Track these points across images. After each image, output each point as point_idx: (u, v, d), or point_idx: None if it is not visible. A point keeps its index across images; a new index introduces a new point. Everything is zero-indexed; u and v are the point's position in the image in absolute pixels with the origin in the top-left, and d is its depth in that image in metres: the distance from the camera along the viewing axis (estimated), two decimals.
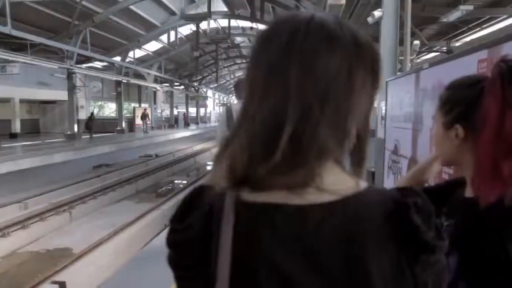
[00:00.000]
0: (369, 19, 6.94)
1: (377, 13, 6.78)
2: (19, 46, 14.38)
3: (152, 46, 24.38)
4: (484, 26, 12.56)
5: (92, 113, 20.72)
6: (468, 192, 1.01)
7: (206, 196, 0.55)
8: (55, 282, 4.70)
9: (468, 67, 2.51)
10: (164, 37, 22.16)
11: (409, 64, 7.53)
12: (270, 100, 0.50)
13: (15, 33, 12.28)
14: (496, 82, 0.87)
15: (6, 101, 18.90)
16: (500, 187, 0.87)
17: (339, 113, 0.51)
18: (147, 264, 3.83)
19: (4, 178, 9.84)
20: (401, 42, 6.60)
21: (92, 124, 19.19)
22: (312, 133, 0.49)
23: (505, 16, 11.30)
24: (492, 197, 0.87)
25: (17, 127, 19.70)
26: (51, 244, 7.25)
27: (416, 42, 12.03)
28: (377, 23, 6.59)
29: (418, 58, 14.95)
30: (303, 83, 0.49)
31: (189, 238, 0.53)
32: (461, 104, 0.98)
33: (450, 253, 0.93)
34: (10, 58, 13.60)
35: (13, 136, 18.70)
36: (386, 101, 4.91)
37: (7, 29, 11.85)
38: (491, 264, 0.87)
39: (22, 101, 20.23)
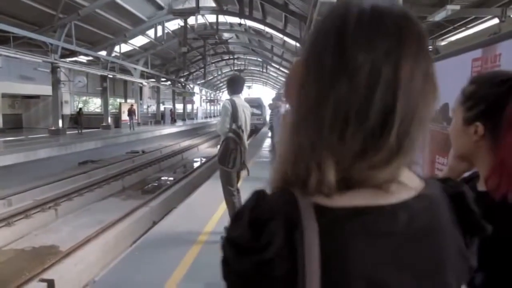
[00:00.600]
0: None
1: None
2: (1, 39, 13.98)
3: (139, 41, 24.03)
4: (469, 26, 12.79)
5: (80, 108, 20.58)
6: (480, 186, 1.02)
7: (272, 205, 0.49)
8: (43, 280, 4.61)
9: (462, 65, 2.55)
10: (151, 32, 21.86)
11: None
12: (378, 97, 0.47)
13: None
14: None
15: None
16: None
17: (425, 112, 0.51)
18: (136, 261, 3.79)
19: None
20: None
21: (81, 119, 19.08)
22: (407, 131, 0.49)
23: (489, 17, 11.52)
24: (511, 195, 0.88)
25: None
26: (37, 241, 7.11)
27: None
28: None
29: None
30: (412, 80, 0.48)
31: (270, 257, 0.46)
32: (485, 102, 0.96)
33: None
34: None
35: None
36: None
37: None
38: (507, 254, 0.88)
39: (4, 95, 19.71)
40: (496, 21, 11.02)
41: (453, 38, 13.72)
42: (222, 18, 22.95)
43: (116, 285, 3.30)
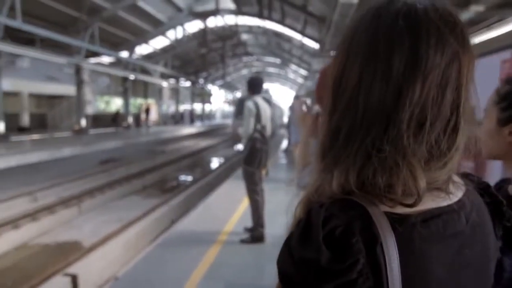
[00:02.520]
0: None
1: None
2: (28, 40, 14.46)
3: (159, 43, 24.40)
4: (492, 27, 12.47)
5: (118, 110, 21.84)
6: None
7: (346, 218, 0.45)
8: (67, 275, 4.75)
9: (491, 67, 2.51)
10: (171, 34, 22.16)
11: None
12: (448, 98, 0.48)
13: (25, 27, 12.33)
14: None
15: (15, 94, 19.01)
16: None
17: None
18: (158, 259, 3.88)
19: (13, 171, 9.92)
20: None
21: (118, 119, 20.21)
22: (466, 130, 0.50)
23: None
24: None
25: (25, 121, 19.83)
26: (61, 237, 7.31)
27: None
28: None
29: None
30: (469, 81, 0.50)
31: (355, 277, 0.43)
32: None
33: (504, 253, 0.95)
34: (20, 52, 13.67)
35: (22, 129, 18.83)
36: None
37: (18, 23, 11.91)
38: None
39: (31, 95, 20.33)
40: None
41: (476, 40, 13.39)
42: (241, 20, 23.06)
43: (138, 283, 3.38)
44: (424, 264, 0.46)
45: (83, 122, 18.29)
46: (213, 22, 22.12)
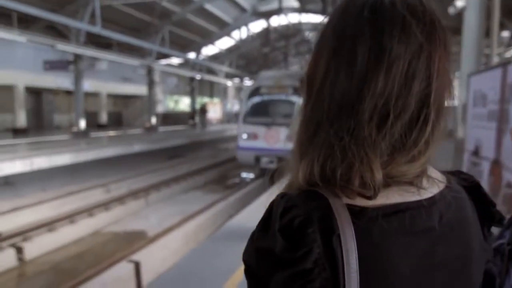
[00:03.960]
0: (451, 10, 6.45)
1: (459, 3, 6.27)
2: (106, 45, 15.79)
3: (224, 43, 25.15)
4: None
5: (203, 105, 23.97)
6: None
7: (305, 209, 0.45)
8: (130, 261, 5.12)
9: None
10: (235, 34, 22.73)
11: (496, 58, 6.85)
12: (415, 89, 0.46)
13: (104, 32, 13.46)
14: None
15: (94, 95, 20.86)
16: None
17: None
18: (209, 251, 4.02)
19: (91, 164, 10.91)
20: (487, 33, 6.02)
21: (204, 117, 22.29)
22: (438, 123, 0.49)
23: None
24: None
25: (103, 118, 21.69)
26: (129, 226, 7.90)
27: (506, 33, 10.83)
28: (460, 13, 6.10)
29: (507, 51, 13.48)
30: (441, 74, 0.48)
31: (310, 267, 0.43)
32: None
33: None
34: (99, 56, 14.98)
35: (100, 126, 20.65)
36: (468, 98, 4.53)
37: (97, 29, 13.05)
38: None
39: (108, 95, 22.17)
40: None
41: None
42: (305, 18, 22.90)
43: (189, 272, 3.54)
44: (385, 258, 0.44)
45: (154, 120, 19.47)
46: (277, 21, 22.22)
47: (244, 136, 10.09)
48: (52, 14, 11.91)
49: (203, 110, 24.51)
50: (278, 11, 18.73)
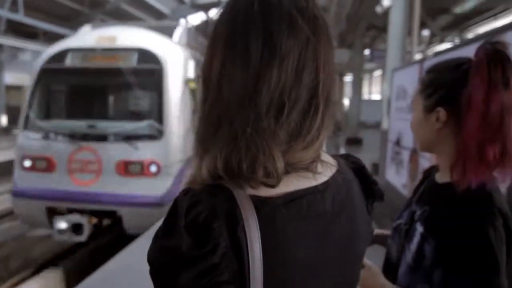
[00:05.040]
0: (378, 9, 6.86)
1: (386, 2, 6.69)
2: (30, 34, 14.54)
3: None
4: (498, 16, 12.27)
5: None
6: (441, 178, 1.01)
7: (210, 203, 0.45)
8: None
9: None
10: None
11: (418, 55, 7.42)
12: (306, 81, 0.49)
13: (26, 20, 12.38)
14: (482, 64, 0.85)
15: (17, 88, 19.15)
16: (484, 172, 0.87)
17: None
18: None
19: None
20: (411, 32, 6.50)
21: None
22: (327, 111, 0.52)
23: None
24: (477, 181, 0.86)
25: None
26: None
27: (426, 32, 11.82)
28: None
29: (428, 49, 14.71)
30: (327, 65, 0.51)
31: (217, 261, 0.43)
32: (444, 87, 0.96)
33: (425, 240, 0.94)
34: (22, 46, 13.77)
35: None
36: (392, 92, 4.86)
37: (19, 17, 11.97)
38: (469, 250, 0.86)
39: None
40: None
41: (481, 30, 13.19)
42: None
43: (120, 275, 3.40)
44: (286, 244, 0.47)
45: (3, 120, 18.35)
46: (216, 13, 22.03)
47: (26, 163, 4.45)
48: None
49: None
50: (217, 3, 18.56)
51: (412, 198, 1.09)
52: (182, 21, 17.91)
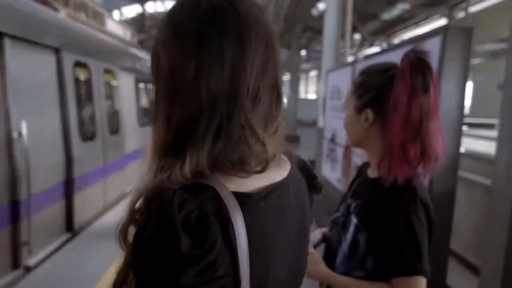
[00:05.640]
0: (314, 12, 7.13)
1: (321, 5, 6.98)
2: None
3: None
4: (420, 24, 13.40)
5: None
6: (372, 173, 1.08)
7: (200, 201, 0.45)
8: None
9: (396, 61, 2.70)
10: None
11: (351, 58, 7.85)
12: (269, 75, 0.53)
13: None
14: (406, 70, 0.92)
15: None
16: (407, 168, 0.94)
17: None
18: (76, 253, 3.70)
19: None
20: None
21: None
22: (281, 99, 0.57)
23: (438, 16, 12.12)
24: (402, 177, 0.93)
25: None
26: None
27: (357, 36, 12.58)
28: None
29: (360, 52, 15.62)
30: (279, 55, 0.57)
31: (214, 258, 0.44)
32: (372, 90, 1.03)
33: (359, 231, 1.01)
34: None
35: None
36: (327, 92, 5.10)
37: None
38: (395, 238, 0.93)
39: None
40: (444, 21, 11.60)
41: (406, 36, 14.31)
42: None
43: (51, 280, 3.20)
44: (267, 236, 0.51)
45: None
46: (153, 7, 21.31)
47: None
48: None
49: None
50: None
51: (348, 193, 1.17)
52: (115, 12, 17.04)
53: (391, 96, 0.95)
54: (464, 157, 2.99)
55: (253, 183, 0.52)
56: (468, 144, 4.16)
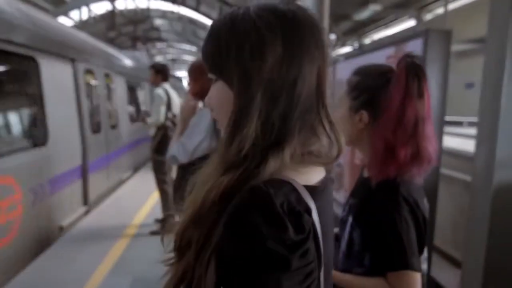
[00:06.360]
0: None
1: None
2: None
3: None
4: (390, 25, 13.80)
5: None
6: (366, 173, 1.10)
7: (290, 196, 0.50)
8: None
9: (379, 61, 2.76)
10: (74, 14, 20.31)
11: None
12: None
13: None
14: (402, 75, 0.95)
15: None
16: (395, 169, 0.96)
17: None
18: (58, 258, 3.58)
19: None
20: None
21: None
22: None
23: (407, 17, 12.52)
24: (388, 176, 0.96)
25: None
26: None
27: (332, 36, 12.80)
28: None
29: (334, 51, 15.88)
30: None
31: (311, 242, 0.50)
32: (368, 92, 1.04)
33: (354, 229, 1.04)
34: None
35: None
36: None
37: None
38: (382, 237, 0.96)
39: None
40: (413, 22, 11.99)
41: (376, 37, 14.68)
42: (154, 5, 22.10)
43: (38, 283, 3.08)
44: (326, 223, 0.57)
45: None
46: (123, 4, 20.79)
47: None
48: None
49: None
50: None
51: (351, 192, 1.19)
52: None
53: (385, 100, 0.97)
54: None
55: (315, 177, 0.58)
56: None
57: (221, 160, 0.55)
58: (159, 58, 42.95)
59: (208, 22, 21.52)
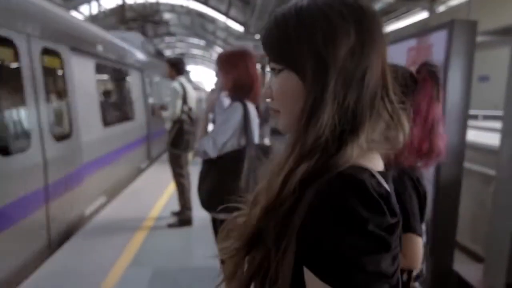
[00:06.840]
0: None
1: None
2: None
3: None
4: (401, 17, 13.63)
5: None
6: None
7: (376, 182, 0.52)
8: None
9: (399, 53, 2.74)
10: (84, 9, 20.41)
11: None
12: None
13: None
14: (426, 82, 1.11)
15: None
16: (414, 159, 1.13)
17: None
18: (79, 250, 3.64)
19: None
20: None
21: None
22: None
23: (419, 9, 12.36)
24: (405, 164, 1.10)
25: None
26: None
27: None
28: None
29: None
30: None
31: (400, 222, 0.52)
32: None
33: None
34: None
35: None
36: None
37: None
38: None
39: None
40: (425, 14, 11.82)
41: (388, 29, 14.53)
42: None
43: (60, 275, 3.15)
44: (393, 203, 0.57)
45: None
46: None
47: None
48: None
49: None
50: None
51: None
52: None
53: (414, 102, 1.10)
54: None
55: (381, 163, 0.59)
56: None
57: (295, 148, 0.56)
58: (168, 53, 43.03)
59: (217, 16, 21.44)
